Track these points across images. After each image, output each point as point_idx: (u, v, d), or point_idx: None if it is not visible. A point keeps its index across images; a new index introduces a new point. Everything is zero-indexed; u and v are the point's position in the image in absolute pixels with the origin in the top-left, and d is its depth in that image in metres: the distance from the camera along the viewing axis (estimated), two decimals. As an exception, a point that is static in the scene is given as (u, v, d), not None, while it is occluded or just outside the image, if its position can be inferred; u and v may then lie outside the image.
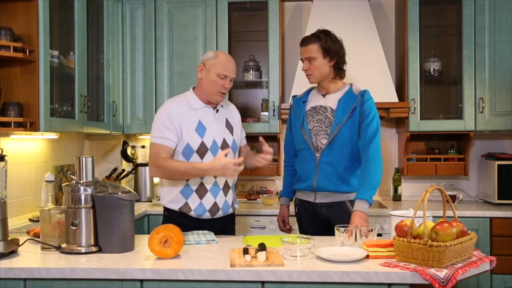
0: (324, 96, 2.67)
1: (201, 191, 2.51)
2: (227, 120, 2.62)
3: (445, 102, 3.82)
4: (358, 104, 2.55)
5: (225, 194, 2.57)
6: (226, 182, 2.56)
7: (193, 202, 2.52)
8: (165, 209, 2.61)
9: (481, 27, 3.54)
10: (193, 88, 2.61)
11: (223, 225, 2.59)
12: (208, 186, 2.51)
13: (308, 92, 2.78)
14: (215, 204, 2.54)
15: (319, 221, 2.65)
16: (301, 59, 2.67)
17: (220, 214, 2.56)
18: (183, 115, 2.49)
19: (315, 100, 2.70)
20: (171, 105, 2.53)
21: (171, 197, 2.55)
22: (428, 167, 3.73)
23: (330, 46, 2.59)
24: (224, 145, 2.54)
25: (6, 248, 2.00)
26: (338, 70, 2.64)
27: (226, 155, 2.36)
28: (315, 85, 2.75)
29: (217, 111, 2.59)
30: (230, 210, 2.63)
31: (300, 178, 2.70)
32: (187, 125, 2.48)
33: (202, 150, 2.48)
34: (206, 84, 2.51)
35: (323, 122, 2.61)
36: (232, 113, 2.71)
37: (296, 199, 2.79)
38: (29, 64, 2.64)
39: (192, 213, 2.52)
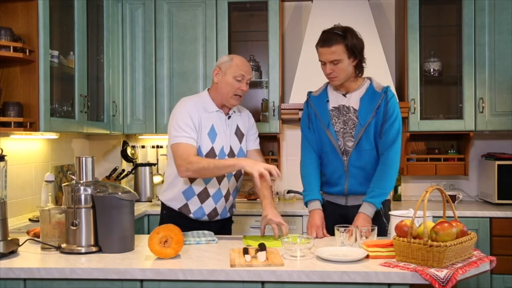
0: (344, 95, 2.49)
1: (203, 196, 2.50)
2: (237, 127, 2.58)
3: (445, 102, 3.82)
4: (382, 102, 2.40)
5: (226, 200, 2.57)
6: (228, 189, 2.55)
7: (194, 205, 2.52)
8: (164, 207, 2.61)
9: (481, 27, 3.54)
10: (208, 90, 2.55)
11: (219, 227, 2.59)
12: (211, 192, 2.50)
13: (325, 89, 2.56)
14: (214, 209, 2.54)
15: (349, 222, 2.41)
16: (321, 61, 2.43)
17: (217, 218, 2.57)
18: (200, 116, 2.45)
19: (336, 99, 2.50)
20: (189, 105, 2.46)
21: (172, 195, 2.54)
22: (428, 167, 3.73)
23: (355, 44, 2.38)
24: (231, 153, 2.53)
25: (6, 248, 2.00)
26: (360, 68, 2.46)
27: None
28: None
29: (229, 117, 2.55)
30: (228, 215, 2.65)
31: (328, 182, 2.55)
32: (202, 128, 2.45)
33: (210, 155, 2.46)
34: (223, 87, 2.47)
35: (347, 124, 2.46)
36: (244, 118, 2.64)
37: (324, 200, 2.57)
38: (29, 64, 2.64)
39: (190, 215, 2.53)
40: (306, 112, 2.58)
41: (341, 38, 2.36)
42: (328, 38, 2.38)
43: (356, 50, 2.38)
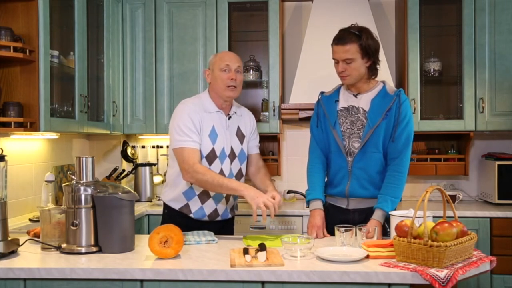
0: (356, 96, 2.48)
1: (204, 196, 2.51)
2: (238, 128, 2.59)
3: (445, 102, 3.82)
4: (394, 105, 2.37)
5: (227, 201, 2.58)
6: None
7: (194, 205, 2.52)
8: (165, 206, 2.62)
9: (481, 27, 3.54)
10: (208, 91, 2.58)
11: (221, 227, 2.59)
12: (212, 192, 2.50)
13: (337, 90, 2.56)
14: (215, 210, 2.55)
15: None
16: (334, 58, 2.43)
17: (218, 219, 2.58)
18: (200, 118, 2.46)
19: (346, 100, 2.50)
20: (190, 108, 2.48)
21: (173, 196, 2.55)
22: (428, 167, 3.72)
23: (370, 45, 2.37)
24: (232, 154, 2.54)
25: (6, 248, 2.00)
26: (374, 70, 2.45)
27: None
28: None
29: (229, 118, 2.56)
30: (229, 216, 2.65)
31: (331, 182, 2.54)
32: (203, 129, 2.46)
33: (211, 156, 2.47)
34: (214, 83, 2.52)
35: (355, 124, 2.44)
36: (245, 119, 2.65)
37: (326, 203, 2.56)
38: (29, 64, 2.64)
39: (191, 215, 2.53)
40: (316, 111, 2.59)
41: (356, 37, 2.36)
42: (343, 36, 2.38)
43: (370, 51, 2.38)
